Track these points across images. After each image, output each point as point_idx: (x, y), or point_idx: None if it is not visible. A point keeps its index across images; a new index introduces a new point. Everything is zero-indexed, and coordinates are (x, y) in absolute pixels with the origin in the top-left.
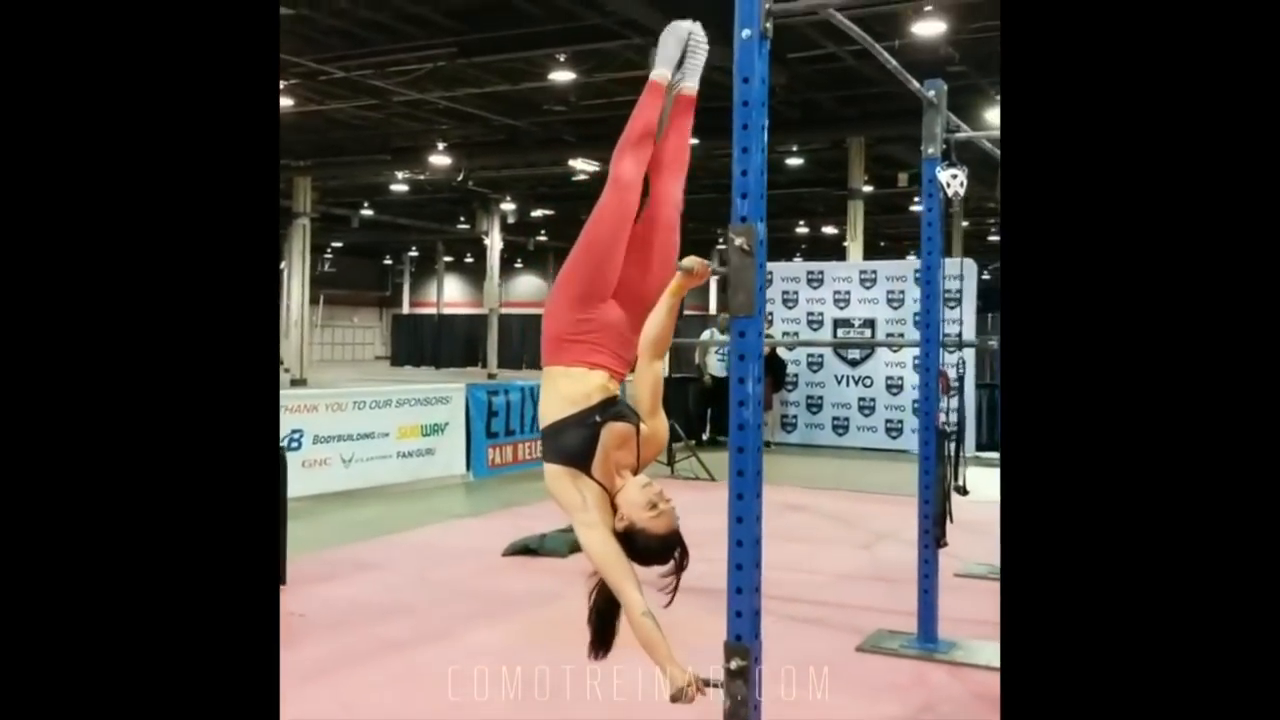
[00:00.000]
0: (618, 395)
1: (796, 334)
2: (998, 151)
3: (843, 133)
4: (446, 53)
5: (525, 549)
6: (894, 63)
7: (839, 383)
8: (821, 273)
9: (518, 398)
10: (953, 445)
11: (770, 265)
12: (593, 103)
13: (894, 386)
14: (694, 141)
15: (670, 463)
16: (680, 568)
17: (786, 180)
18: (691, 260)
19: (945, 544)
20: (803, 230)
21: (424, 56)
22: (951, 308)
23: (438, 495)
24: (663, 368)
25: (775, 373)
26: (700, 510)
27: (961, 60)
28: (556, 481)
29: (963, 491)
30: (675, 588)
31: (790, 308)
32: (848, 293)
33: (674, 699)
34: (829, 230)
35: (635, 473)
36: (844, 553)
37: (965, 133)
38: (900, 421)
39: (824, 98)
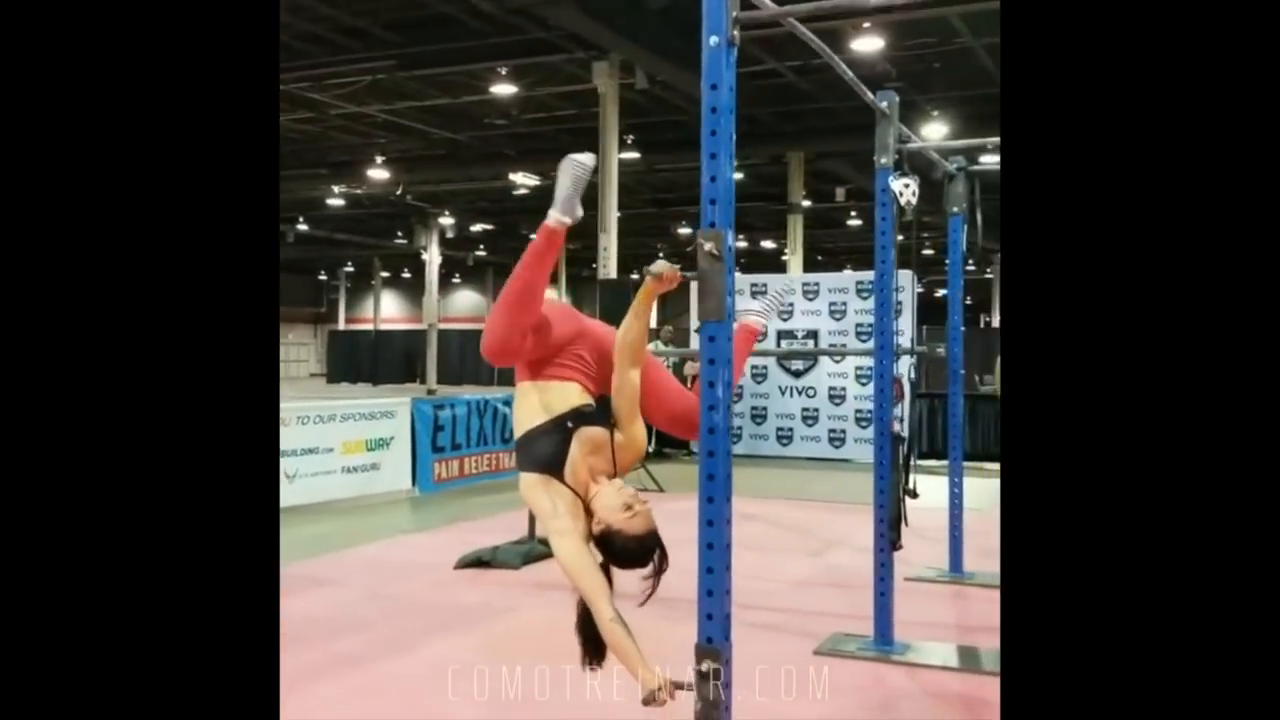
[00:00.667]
0: (591, 405)
1: None
2: (946, 164)
3: (782, 148)
4: (386, 65)
5: (478, 561)
6: (850, 74)
7: (783, 393)
8: (765, 285)
9: (464, 411)
10: (904, 450)
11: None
12: (534, 116)
13: (836, 397)
14: (634, 156)
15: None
16: (659, 570)
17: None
18: (660, 265)
19: (900, 547)
20: (743, 245)
21: (363, 69)
22: (896, 317)
23: (384, 511)
24: (638, 377)
25: None
26: (667, 520)
27: (899, 77)
28: (530, 490)
29: (913, 494)
30: (653, 589)
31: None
32: (791, 304)
33: (646, 702)
34: (768, 244)
35: (612, 479)
36: (796, 560)
37: (916, 143)
38: (843, 431)
39: (764, 113)
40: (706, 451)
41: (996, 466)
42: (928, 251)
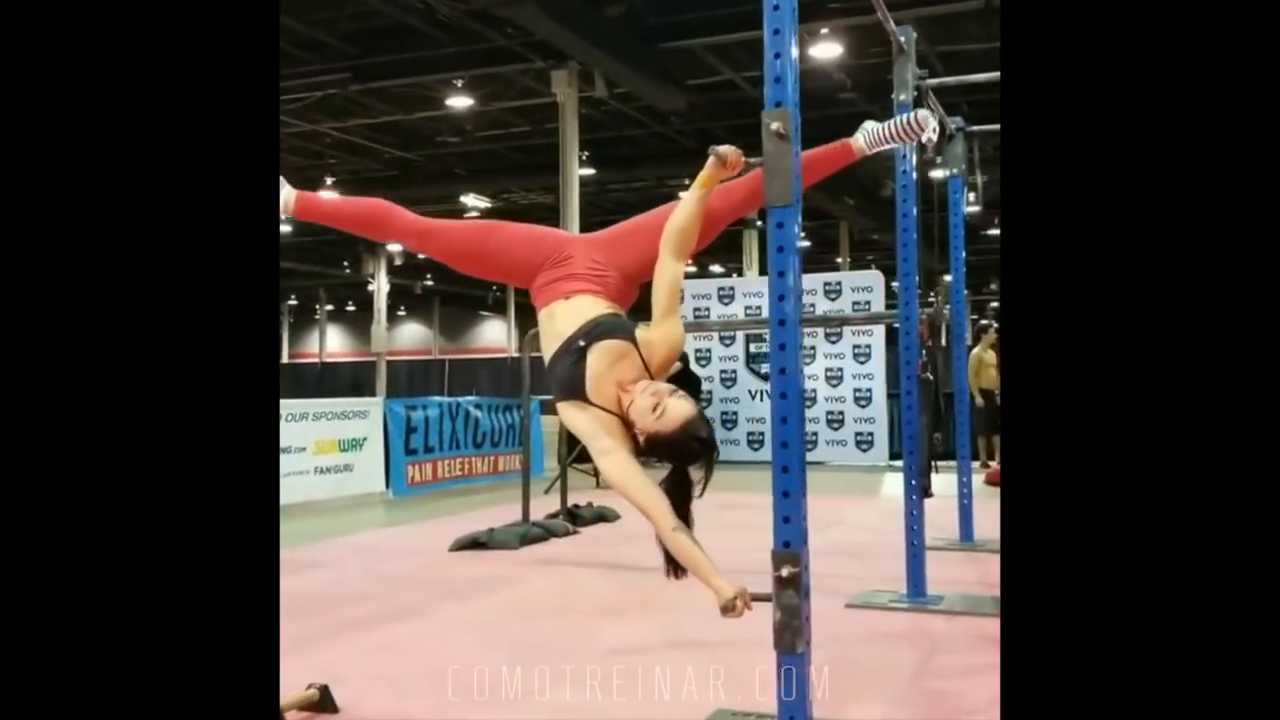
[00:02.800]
0: (605, 315)
1: (709, 350)
2: (950, 121)
3: None
4: (341, 79)
5: (474, 543)
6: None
7: (753, 397)
8: (733, 289)
9: (436, 413)
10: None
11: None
12: (488, 133)
13: (807, 399)
14: (588, 173)
15: (597, 472)
16: (709, 460)
17: None
18: (726, 147)
19: (931, 494)
20: (690, 267)
21: (318, 83)
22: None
23: (360, 511)
24: (681, 270)
25: (689, 388)
26: None
27: (853, 88)
28: (567, 416)
29: (927, 494)
30: (706, 480)
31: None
32: (759, 308)
33: (725, 611)
34: (716, 268)
35: (656, 379)
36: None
37: (937, 79)
38: (814, 434)
39: (717, 126)
40: (778, 344)
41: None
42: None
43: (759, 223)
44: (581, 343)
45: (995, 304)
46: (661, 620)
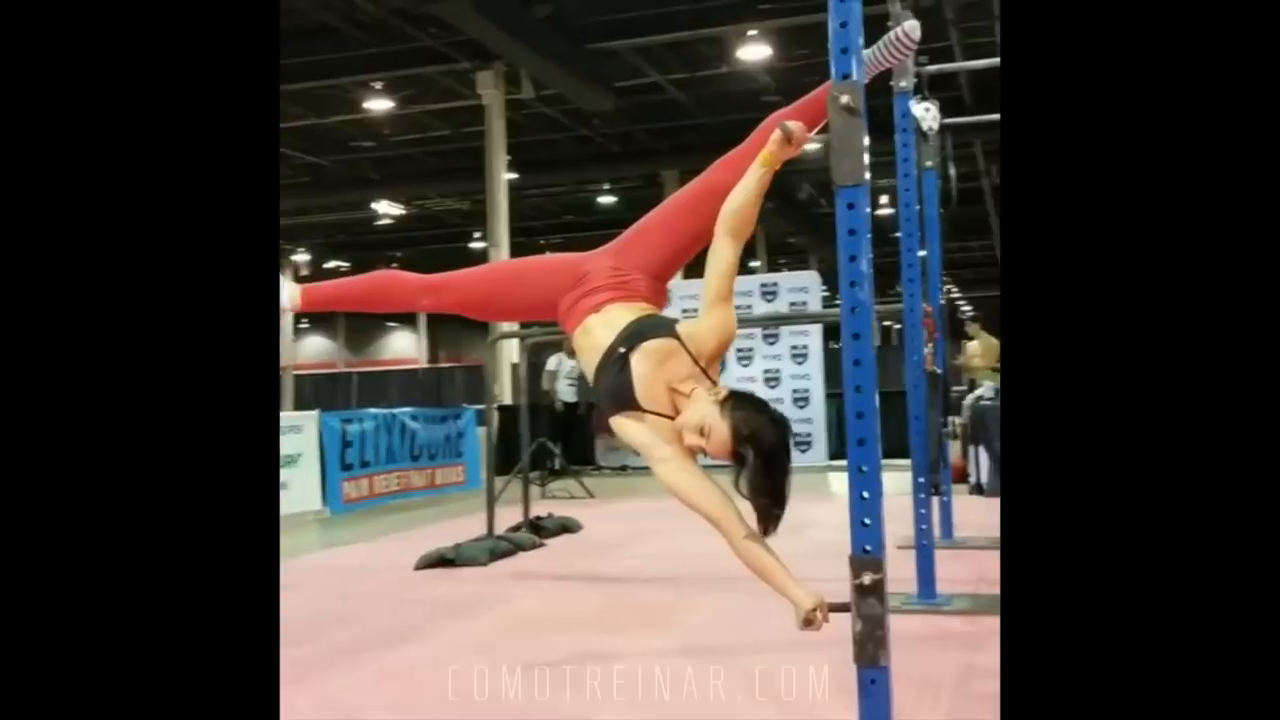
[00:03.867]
0: (639, 319)
1: None
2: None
3: (657, 167)
4: None
5: (441, 560)
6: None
7: None
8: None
9: (372, 426)
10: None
11: None
12: (405, 137)
13: None
14: (512, 176)
15: (542, 483)
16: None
17: (596, 220)
18: (794, 124)
19: (939, 493)
20: None
21: None
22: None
23: (300, 531)
24: (737, 254)
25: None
26: (611, 520)
27: (777, 90)
28: (623, 429)
29: (937, 490)
30: (776, 486)
31: None
32: (696, 310)
33: (807, 623)
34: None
35: (712, 375)
36: (777, 540)
37: (936, 66)
38: None
39: (640, 129)
40: (851, 334)
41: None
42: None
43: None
44: (623, 349)
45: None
46: (671, 633)
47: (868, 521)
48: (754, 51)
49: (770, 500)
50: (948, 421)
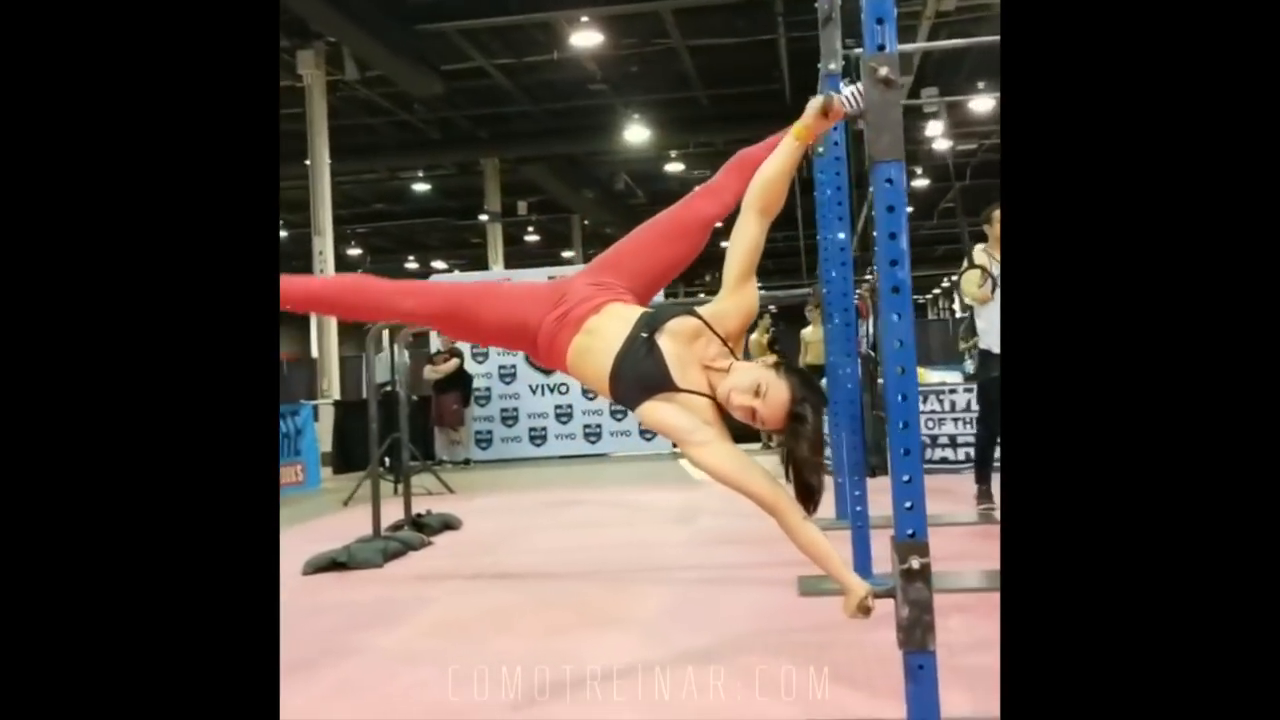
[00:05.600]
0: (651, 310)
1: (487, 348)
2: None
3: (477, 154)
4: None
5: (333, 564)
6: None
7: (534, 392)
8: (508, 280)
9: None
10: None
11: (454, 277)
12: None
13: (590, 392)
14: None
15: (395, 480)
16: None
17: (409, 210)
18: (835, 96)
19: (877, 474)
20: (439, 266)
21: None
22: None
23: None
24: (764, 230)
25: (464, 387)
26: (484, 516)
27: (603, 79)
28: (655, 414)
29: (875, 472)
30: (810, 458)
31: None
32: None
33: (862, 610)
34: (439, 264)
35: (736, 354)
36: (671, 529)
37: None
38: (599, 426)
39: (462, 115)
40: (890, 286)
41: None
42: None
43: (495, 222)
44: (645, 334)
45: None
46: (626, 629)
47: (912, 505)
48: (585, 38)
49: (818, 477)
50: (877, 402)
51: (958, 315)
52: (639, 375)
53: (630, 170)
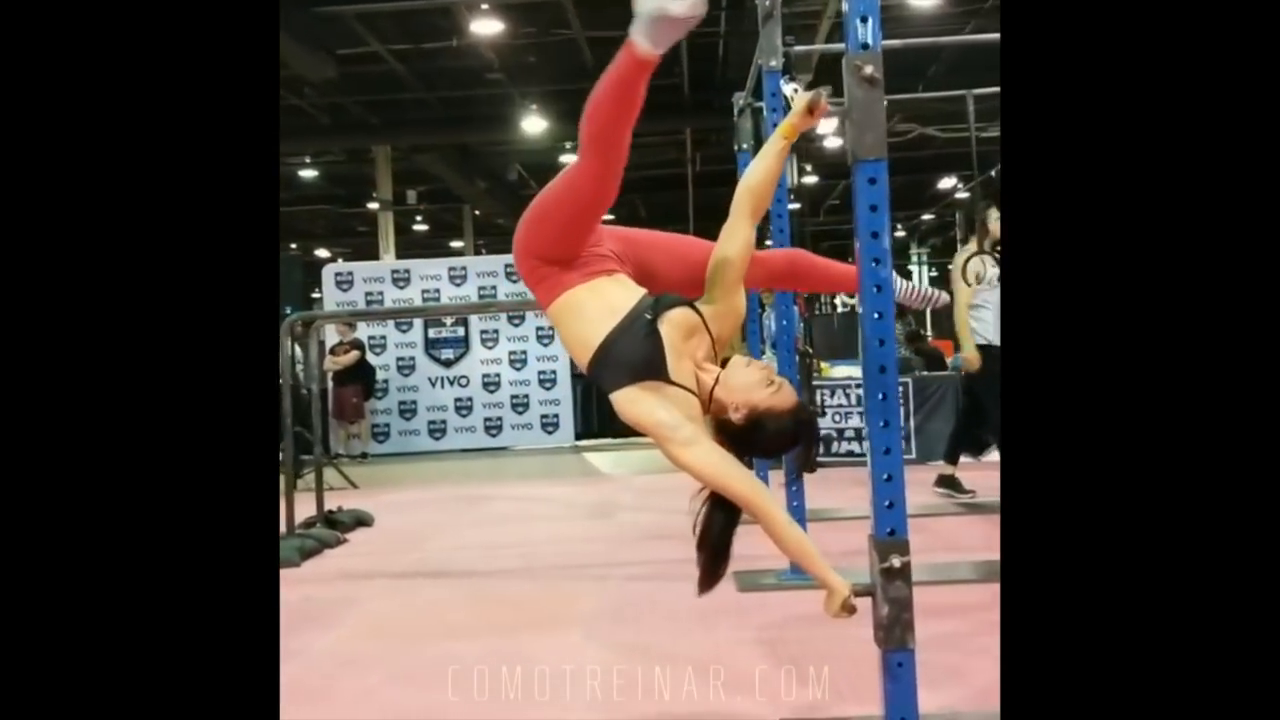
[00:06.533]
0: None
1: (384, 338)
2: (736, 100)
3: (367, 141)
4: None
5: None
6: None
7: (433, 385)
8: (408, 271)
9: None
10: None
11: (351, 265)
12: None
13: (491, 384)
14: None
15: (297, 475)
16: (814, 444)
17: (294, 197)
18: (815, 93)
19: (813, 469)
20: (323, 254)
21: None
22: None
23: None
24: (753, 234)
25: (365, 380)
26: (394, 512)
27: (501, 68)
28: (636, 405)
29: (813, 468)
30: (813, 464)
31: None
32: (437, 290)
33: (845, 610)
34: (322, 252)
35: (716, 360)
36: (589, 525)
37: (804, 46)
38: (499, 418)
39: (353, 101)
40: (872, 285)
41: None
42: None
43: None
44: (649, 315)
45: None
46: (572, 628)
47: (892, 503)
48: (485, 26)
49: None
50: (811, 399)
51: (839, 309)
52: (632, 355)
53: (524, 161)
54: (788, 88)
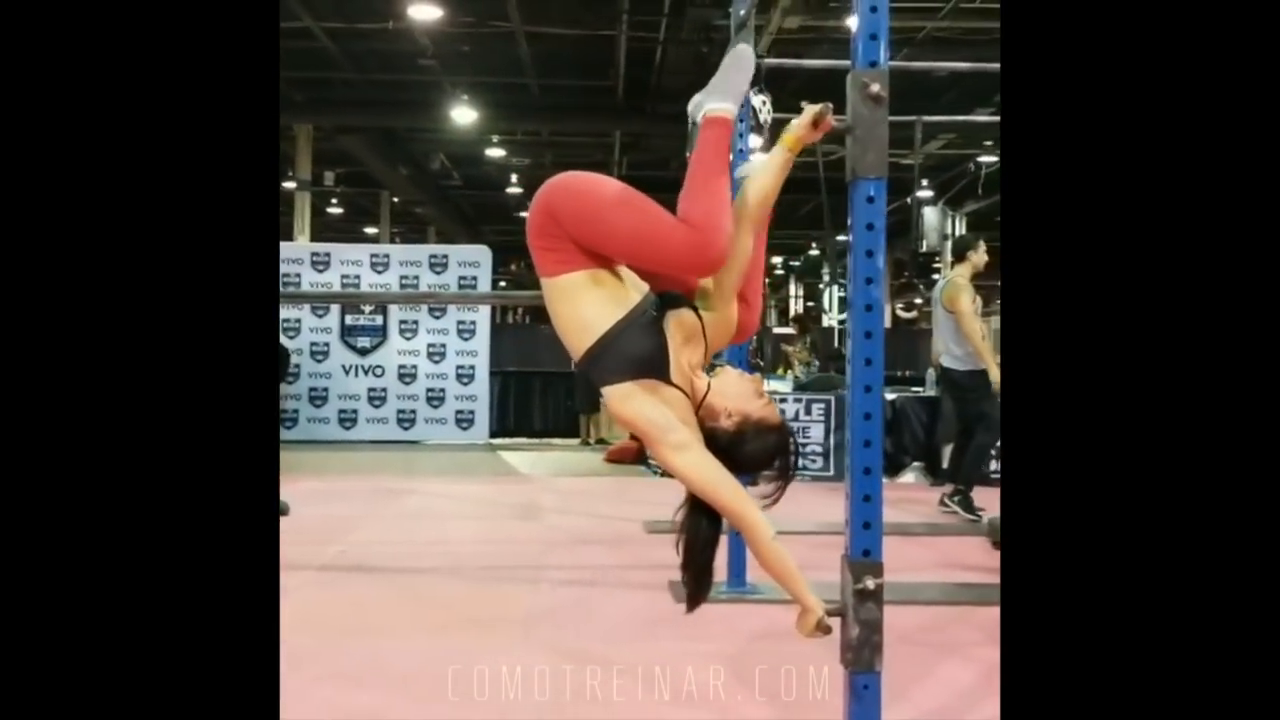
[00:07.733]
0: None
1: (299, 320)
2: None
3: (289, 119)
4: None
5: None
6: None
7: (346, 373)
8: (328, 255)
9: None
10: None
11: None
12: None
13: (407, 376)
14: None
15: None
16: (794, 463)
17: None
18: (823, 106)
19: (758, 483)
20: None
21: None
22: None
23: None
24: (753, 244)
25: (281, 364)
26: (303, 502)
27: (434, 55)
28: (630, 402)
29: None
30: (783, 490)
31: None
32: (358, 277)
33: (820, 629)
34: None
35: (710, 369)
36: (518, 526)
37: (777, 60)
38: (413, 412)
39: (288, 77)
40: (863, 304)
41: (565, 441)
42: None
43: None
44: (654, 311)
45: None
46: (511, 629)
47: (869, 524)
48: (423, 11)
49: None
50: None
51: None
52: (637, 351)
53: (449, 151)
54: (756, 100)
